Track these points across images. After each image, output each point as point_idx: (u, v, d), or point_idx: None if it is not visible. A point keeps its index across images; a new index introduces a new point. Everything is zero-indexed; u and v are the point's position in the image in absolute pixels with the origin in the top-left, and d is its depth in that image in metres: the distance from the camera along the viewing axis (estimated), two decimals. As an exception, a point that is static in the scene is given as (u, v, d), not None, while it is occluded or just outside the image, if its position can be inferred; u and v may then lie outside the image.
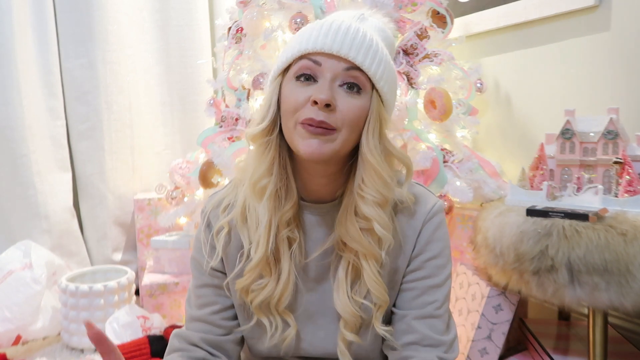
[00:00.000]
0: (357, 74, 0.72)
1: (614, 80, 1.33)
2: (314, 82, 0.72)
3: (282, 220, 0.77)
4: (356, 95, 0.72)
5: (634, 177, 1.06)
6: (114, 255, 2.26)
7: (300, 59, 0.73)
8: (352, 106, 0.72)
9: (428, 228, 0.80)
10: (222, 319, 0.84)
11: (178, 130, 2.44)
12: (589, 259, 0.96)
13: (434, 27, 1.58)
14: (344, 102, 0.71)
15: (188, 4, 2.36)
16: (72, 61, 2.17)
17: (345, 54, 0.71)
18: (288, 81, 0.74)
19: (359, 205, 0.75)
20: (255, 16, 1.59)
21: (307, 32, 0.74)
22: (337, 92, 0.71)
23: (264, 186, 0.75)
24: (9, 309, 1.71)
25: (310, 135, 0.71)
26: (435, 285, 0.80)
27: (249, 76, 1.62)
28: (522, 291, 1.09)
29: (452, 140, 1.55)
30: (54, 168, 2.16)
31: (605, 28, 1.34)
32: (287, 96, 0.73)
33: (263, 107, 0.77)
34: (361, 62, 0.72)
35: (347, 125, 0.72)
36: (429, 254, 0.80)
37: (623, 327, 1.33)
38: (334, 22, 0.73)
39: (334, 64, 0.71)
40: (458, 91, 1.62)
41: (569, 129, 1.20)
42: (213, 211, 0.83)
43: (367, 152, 0.74)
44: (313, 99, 0.70)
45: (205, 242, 0.82)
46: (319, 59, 0.72)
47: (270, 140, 0.75)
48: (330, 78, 0.71)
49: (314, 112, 0.70)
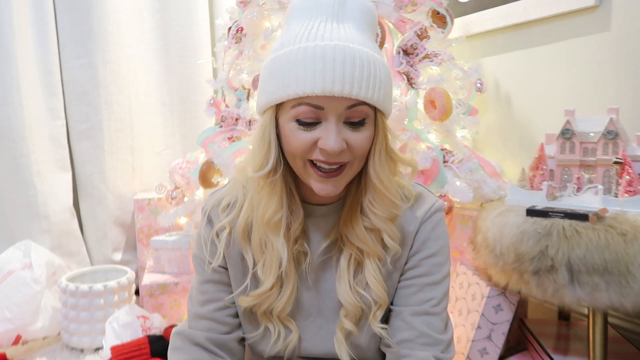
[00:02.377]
0: (361, 108, 0.69)
1: (614, 80, 1.33)
2: (318, 123, 0.70)
3: (292, 239, 0.78)
4: (361, 128, 0.71)
5: (634, 177, 1.06)
6: (114, 255, 2.26)
7: (298, 102, 0.69)
8: (361, 140, 0.71)
9: (426, 226, 0.81)
10: (226, 316, 0.84)
11: (178, 130, 2.44)
12: (589, 259, 0.96)
13: (434, 27, 1.58)
14: (352, 139, 0.70)
15: (188, 4, 2.36)
16: (72, 61, 2.17)
17: (349, 93, 0.67)
18: (287, 120, 0.71)
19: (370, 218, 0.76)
20: (255, 16, 1.59)
21: (300, 67, 0.67)
22: (343, 130, 0.70)
23: (278, 221, 0.75)
24: (9, 309, 1.71)
25: (323, 179, 0.71)
26: (433, 282, 0.80)
27: (249, 76, 1.62)
28: (522, 291, 1.09)
29: (452, 140, 1.55)
30: (54, 168, 2.16)
31: (605, 28, 1.34)
32: (291, 139, 0.71)
33: (261, 145, 0.74)
34: (364, 97, 0.68)
35: (358, 157, 0.72)
36: (427, 251, 0.80)
37: (623, 327, 1.33)
38: (325, 50, 0.67)
39: (337, 105, 0.68)
40: (458, 91, 1.62)
41: (569, 129, 1.20)
42: (214, 209, 0.83)
43: (374, 177, 0.74)
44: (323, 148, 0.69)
45: (207, 240, 0.82)
46: (319, 103, 0.68)
47: (276, 179, 0.74)
48: (334, 120, 0.69)
49: (325, 156, 0.70)
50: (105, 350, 1.55)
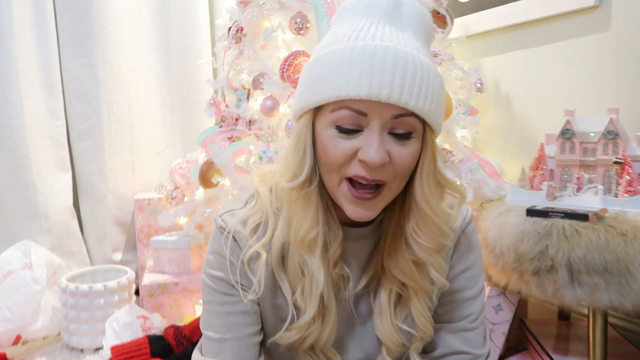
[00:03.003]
0: (409, 120, 0.62)
1: (614, 80, 1.33)
2: (359, 131, 0.63)
3: (331, 262, 0.70)
4: (407, 142, 0.63)
5: (634, 177, 1.06)
6: (114, 255, 2.26)
7: (340, 105, 0.62)
8: (405, 155, 0.63)
9: (462, 240, 0.77)
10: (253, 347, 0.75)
11: (178, 130, 2.43)
12: (589, 259, 0.96)
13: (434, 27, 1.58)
14: (395, 153, 0.63)
15: (188, 4, 2.36)
16: (72, 61, 2.16)
17: (397, 100, 0.60)
18: (324, 125, 0.64)
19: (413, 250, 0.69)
20: (255, 16, 1.59)
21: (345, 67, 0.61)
22: (387, 141, 0.62)
23: (314, 238, 0.67)
24: (9, 309, 1.71)
25: (358, 202, 0.64)
26: (470, 297, 0.77)
27: (249, 76, 1.62)
28: (522, 291, 1.09)
29: (452, 140, 1.55)
30: (54, 168, 2.16)
31: (605, 28, 1.34)
32: (328, 147, 0.63)
33: (296, 153, 0.67)
34: (414, 106, 0.61)
35: (400, 176, 0.65)
36: (462, 265, 0.77)
37: (623, 327, 1.33)
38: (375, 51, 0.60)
39: (381, 111, 0.61)
40: (458, 91, 1.62)
41: (569, 129, 1.20)
42: (239, 231, 0.71)
43: (422, 201, 0.66)
44: (362, 159, 0.61)
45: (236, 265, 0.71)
46: (362, 108, 0.61)
47: (311, 191, 0.67)
48: (378, 129, 0.61)
49: (364, 171, 0.62)
50: (105, 350, 1.55)
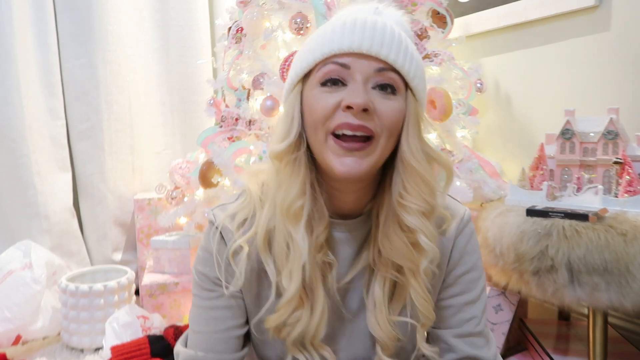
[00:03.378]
0: (390, 74, 0.65)
1: (614, 80, 1.33)
2: (343, 86, 0.65)
3: (316, 245, 0.69)
4: (392, 96, 0.65)
5: (634, 177, 1.06)
6: (114, 255, 2.26)
7: (325, 63, 0.65)
8: (391, 108, 0.65)
9: (461, 240, 0.76)
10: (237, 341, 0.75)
11: (178, 130, 2.43)
12: (589, 259, 0.96)
13: (434, 27, 1.58)
14: (379, 104, 0.64)
15: (188, 4, 2.36)
16: (72, 61, 2.17)
17: (377, 52, 0.63)
18: (311, 88, 0.67)
19: (402, 217, 0.67)
20: (255, 16, 1.59)
21: (329, 32, 0.66)
22: (371, 94, 0.64)
23: (299, 208, 0.67)
24: (9, 309, 1.71)
25: (345, 153, 0.64)
26: (471, 301, 0.76)
27: (249, 76, 1.62)
28: (522, 291, 1.09)
29: (452, 140, 1.55)
30: (54, 168, 2.16)
31: (605, 28, 1.34)
32: (313, 104, 0.66)
33: (285, 121, 0.69)
34: (394, 61, 0.64)
35: (387, 130, 0.65)
36: (462, 267, 0.76)
37: (623, 327, 1.33)
38: (356, 18, 0.65)
39: (365, 65, 0.64)
40: (458, 91, 1.62)
41: (569, 129, 1.20)
42: (226, 226, 0.73)
43: (410, 157, 0.66)
44: (346, 104, 0.62)
45: (220, 260, 0.72)
46: (346, 61, 0.64)
47: (299, 156, 0.68)
48: (361, 81, 0.64)
49: (349, 117, 0.63)
50: (105, 350, 1.55)
